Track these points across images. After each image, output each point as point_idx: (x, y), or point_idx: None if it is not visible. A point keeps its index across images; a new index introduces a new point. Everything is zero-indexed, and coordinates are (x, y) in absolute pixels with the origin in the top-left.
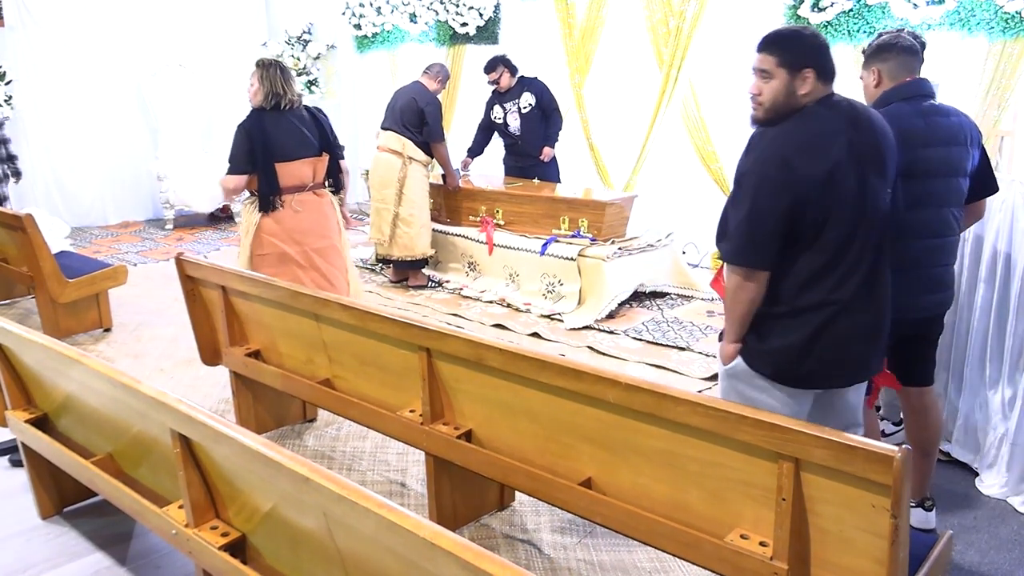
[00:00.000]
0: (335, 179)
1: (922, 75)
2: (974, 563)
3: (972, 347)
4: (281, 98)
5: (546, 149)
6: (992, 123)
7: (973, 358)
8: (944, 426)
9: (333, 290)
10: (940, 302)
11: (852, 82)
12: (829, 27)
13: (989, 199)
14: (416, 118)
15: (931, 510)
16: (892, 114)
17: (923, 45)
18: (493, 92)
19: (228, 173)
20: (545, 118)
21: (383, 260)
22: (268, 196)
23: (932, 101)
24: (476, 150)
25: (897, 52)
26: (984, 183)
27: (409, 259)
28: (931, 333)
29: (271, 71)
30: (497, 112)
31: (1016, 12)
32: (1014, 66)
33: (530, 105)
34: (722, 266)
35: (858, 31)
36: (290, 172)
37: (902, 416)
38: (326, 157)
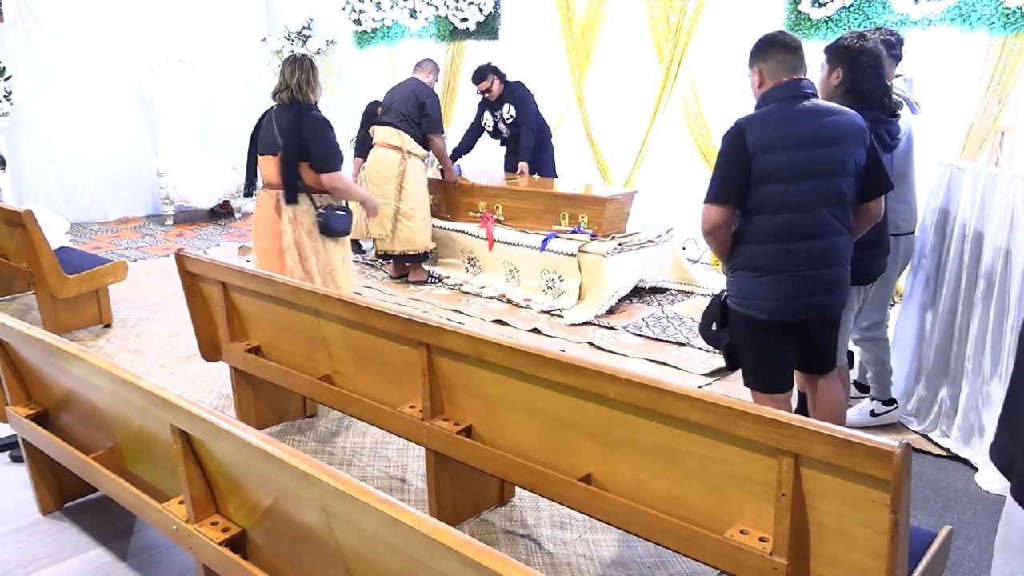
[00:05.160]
0: (289, 185)
1: (915, 70)
2: (973, 559)
3: (972, 342)
4: (276, 93)
5: (521, 165)
6: (992, 119)
7: (973, 353)
8: (943, 421)
9: None
10: (822, 305)
11: None
12: (830, 22)
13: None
14: (416, 110)
15: None
16: (767, 116)
17: (900, 41)
18: (483, 98)
19: None
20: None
21: (384, 256)
22: (247, 183)
23: (810, 101)
24: (462, 150)
25: (777, 51)
26: (874, 182)
27: (411, 252)
28: (820, 334)
29: (281, 67)
30: (487, 119)
31: (1017, 8)
32: (1015, 62)
33: (511, 117)
34: None
35: (859, 26)
36: (262, 166)
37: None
38: (279, 158)
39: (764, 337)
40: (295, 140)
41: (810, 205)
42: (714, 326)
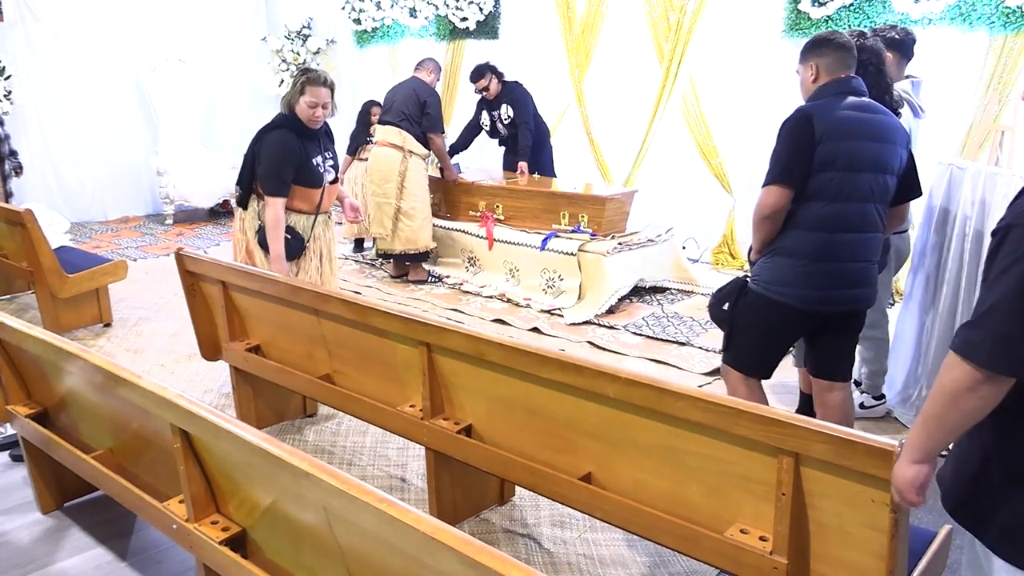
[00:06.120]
0: (242, 190)
1: (916, 70)
2: None
3: None
4: None
5: (521, 164)
6: (992, 118)
7: None
8: None
9: None
10: (856, 298)
11: None
12: (830, 21)
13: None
14: (417, 110)
15: None
16: (823, 107)
17: (913, 40)
18: (481, 97)
19: None
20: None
21: (384, 255)
22: None
23: (864, 98)
24: (459, 147)
25: (835, 48)
26: (909, 187)
27: (412, 252)
28: (847, 329)
29: None
30: (485, 119)
31: (1017, 7)
32: (1015, 61)
33: (509, 117)
34: None
35: (859, 25)
36: None
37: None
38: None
39: (788, 324)
40: (250, 150)
41: (861, 197)
42: (726, 306)
